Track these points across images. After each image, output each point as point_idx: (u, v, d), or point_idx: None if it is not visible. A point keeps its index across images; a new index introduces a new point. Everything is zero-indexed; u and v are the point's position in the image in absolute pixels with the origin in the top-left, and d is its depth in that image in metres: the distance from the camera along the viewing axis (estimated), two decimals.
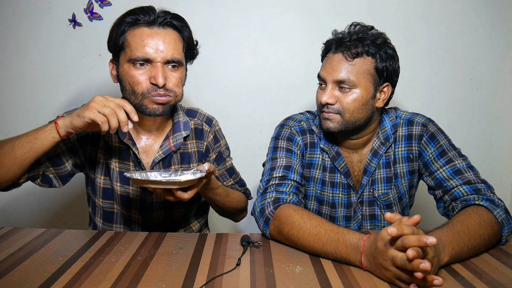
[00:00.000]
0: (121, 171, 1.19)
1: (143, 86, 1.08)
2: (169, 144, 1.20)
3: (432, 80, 1.82)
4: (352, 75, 1.10)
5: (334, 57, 1.13)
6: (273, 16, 1.76)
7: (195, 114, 1.29)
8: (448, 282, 0.81)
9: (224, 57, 1.78)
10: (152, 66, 1.08)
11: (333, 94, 1.13)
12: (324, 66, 1.16)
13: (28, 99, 1.79)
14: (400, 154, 1.21)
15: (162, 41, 1.08)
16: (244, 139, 1.82)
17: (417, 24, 1.77)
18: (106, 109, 0.95)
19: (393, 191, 1.22)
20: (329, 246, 0.90)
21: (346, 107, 1.12)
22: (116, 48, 1.11)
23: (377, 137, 1.21)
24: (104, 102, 0.96)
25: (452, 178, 1.10)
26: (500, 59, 1.81)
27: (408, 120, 1.21)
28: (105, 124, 0.95)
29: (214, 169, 1.03)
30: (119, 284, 0.81)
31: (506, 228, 0.98)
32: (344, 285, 0.80)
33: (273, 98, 1.81)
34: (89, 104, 0.96)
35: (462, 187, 1.07)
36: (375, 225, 1.24)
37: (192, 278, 0.83)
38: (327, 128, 1.15)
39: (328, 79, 1.13)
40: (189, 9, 1.73)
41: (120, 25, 1.09)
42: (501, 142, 1.88)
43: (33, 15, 1.73)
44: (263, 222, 1.05)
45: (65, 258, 0.93)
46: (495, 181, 1.91)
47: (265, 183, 1.15)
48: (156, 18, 1.09)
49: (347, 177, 1.22)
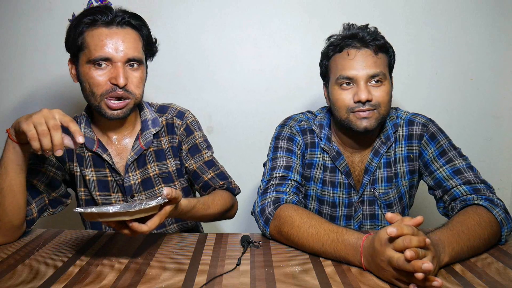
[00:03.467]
0: (99, 179, 1.19)
1: (103, 88, 1.07)
2: (140, 144, 1.19)
3: (432, 80, 1.82)
4: (382, 67, 1.12)
5: (361, 53, 1.11)
6: (273, 16, 1.76)
7: (166, 110, 1.27)
8: (448, 282, 0.81)
9: (224, 57, 1.78)
10: (113, 67, 1.07)
11: (369, 90, 1.10)
12: (349, 64, 1.11)
13: (28, 99, 1.79)
14: (400, 154, 1.21)
15: (121, 40, 1.07)
16: (244, 139, 1.82)
17: (417, 24, 1.77)
18: (41, 127, 0.87)
19: (394, 191, 1.22)
20: (328, 246, 0.90)
21: (382, 100, 1.11)
22: (75, 49, 1.10)
23: (378, 137, 1.21)
24: (45, 117, 0.88)
25: (452, 178, 1.10)
26: (500, 59, 1.81)
27: (409, 120, 1.22)
28: (34, 142, 0.87)
29: (176, 194, 0.90)
30: (119, 284, 0.81)
31: (506, 228, 0.98)
32: (344, 285, 0.80)
33: (273, 98, 1.81)
34: (32, 114, 0.90)
35: (462, 187, 1.07)
36: (375, 224, 1.24)
37: (192, 278, 0.83)
38: (364, 128, 1.11)
39: (360, 75, 1.10)
40: (188, 9, 1.73)
41: (78, 25, 1.08)
42: (501, 142, 1.88)
43: (33, 15, 1.73)
44: (263, 222, 1.05)
45: (65, 258, 0.93)
46: (495, 181, 1.92)
47: (265, 183, 1.15)
48: (114, 17, 1.07)
49: (348, 177, 1.22)
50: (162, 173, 1.23)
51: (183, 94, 1.78)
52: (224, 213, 1.20)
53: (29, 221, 1.07)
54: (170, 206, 0.92)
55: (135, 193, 1.20)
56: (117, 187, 1.20)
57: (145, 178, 1.21)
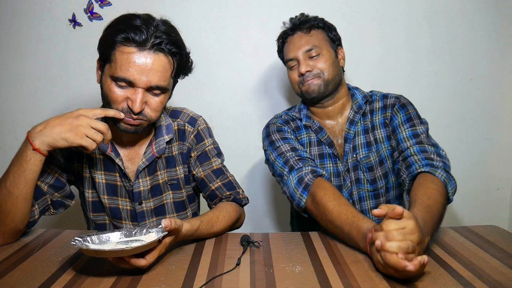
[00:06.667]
0: (108, 183, 1.17)
1: (119, 105, 1.04)
2: (152, 151, 1.17)
3: (432, 80, 1.82)
4: (316, 42, 1.31)
5: (295, 37, 1.33)
6: (273, 16, 1.76)
7: (178, 115, 1.24)
8: (448, 282, 0.81)
9: (224, 57, 1.78)
10: (133, 89, 1.02)
11: (308, 63, 1.30)
12: (289, 48, 1.34)
13: (28, 99, 1.79)
14: (377, 122, 1.34)
15: (149, 67, 1.01)
16: (244, 139, 1.82)
17: (418, 24, 1.77)
18: (95, 135, 0.97)
19: (374, 155, 1.32)
20: (345, 227, 0.98)
21: (322, 67, 1.30)
22: (104, 56, 1.06)
23: (351, 108, 1.35)
24: (89, 124, 0.96)
25: (409, 139, 1.23)
26: (500, 59, 1.81)
27: (383, 95, 1.37)
28: (93, 145, 0.97)
29: (176, 225, 0.88)
30: (119, 284, 0.81)
31: (449, 186, 1.07)
32: (344, 285, 0.80)
33: (273, 98, 1.81)
34: (76, 127, 0.95)
35: (413, 148, 1.19)
36: (360, 189, 1.33)
37: (192, 278, 0.83)
38: (312, 92, 1.29)
39: (298, 53, 1.31)
40: (188, 8, 1.74)
41: (111, 37, 1.03)
42: (501, 142, 1.88)
43: (33, 15, 1.73)
44: (302, 189, 1.14)
45: (65, 258, 0.93)
46: (495, 181, 1.92)
47: (283, 164, 1.22)
48: (149, 38, 1.00)
49: (331, 147, 1.34)
50: (171, 179, 1.22)
51: (183, 94, 1.78)
52: (229, 228, 1.15)
53: (30, 223, 1.06)
54: (170, 238, 0.90)
55: (143, 200, 1.19)
56: (126, 193, 1.18)
57: (154, 185, 1.20)
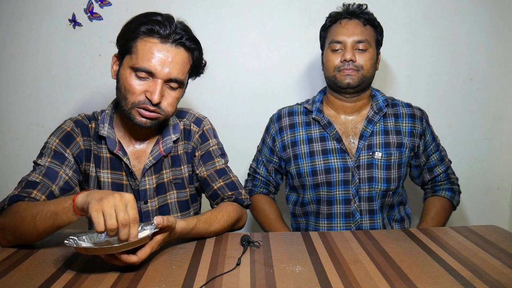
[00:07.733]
0: (113, 182, 1.17)
1: (137, 97, 1.06)
2: (159, 149, 1.18)
3: (432, 80, 1.82)
4: (368, 37, 1.33)
5: (351, 22, 1.34)
6: (273, 17, 1.76)
7: (184, 115, 1.26)
8: (448, 282, 0.81)
9: (224, 57, 1.78)
10: (152, 81, 1.06)
11: (354, 52, 1.32)
12: (340, 31, 1.34)
13: (28, 99, 1.78)
14: (404, 128, 1.39)
15: (171, 59, 1.05)
16: (243, 139, 1.82)
17: (418, 24, 1.77)
18: (110, 220, 0.79)
19: (396, 155, 1.36)
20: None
21: (365, 64, 1.32)
22: (124, 49, 1.08)
23: (371, 108, 1.39)
24: (116, 208, 0.80)
25: (439, 164, 1.45)
26: (500, 59, 1.81)
27: (407, 103, 1.44)
28: (99, 226, 0.80)
29: (168, 222, 0.88)
30: (119, 284, 0.81)
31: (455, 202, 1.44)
32: (344, 285, 0.80)
33: (273, 98, 1.81)
34: (103, 198, 0.81)
35: (442, 175, 1.45)
36: (372, 188, 1.34)
37: (192, 278, 0.83)
38: (347, 83, 1.32)
39: (349, 40, 1.32)
40: (188, 8, 1.73)
41: (135, 30, 1.06)
42: (501, 142, 1.88)
43: (33, 15, 1.73)
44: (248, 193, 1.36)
45: (65, 258, 0.93)
46: (495, 181, 1.92)
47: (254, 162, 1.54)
48: (172, 33, 1.05)
49: (339, 142, 1.36)
50: (176, 179, 1.22)
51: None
52: (229, 228, 1.14)
53: None
54: (162, 235, 0.90)
55: (148, 199, 1.19)
56: (131, 192, 1.17)
57: (160, 184, 1.20)
